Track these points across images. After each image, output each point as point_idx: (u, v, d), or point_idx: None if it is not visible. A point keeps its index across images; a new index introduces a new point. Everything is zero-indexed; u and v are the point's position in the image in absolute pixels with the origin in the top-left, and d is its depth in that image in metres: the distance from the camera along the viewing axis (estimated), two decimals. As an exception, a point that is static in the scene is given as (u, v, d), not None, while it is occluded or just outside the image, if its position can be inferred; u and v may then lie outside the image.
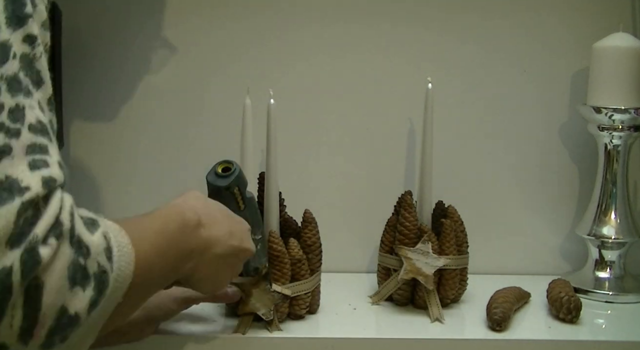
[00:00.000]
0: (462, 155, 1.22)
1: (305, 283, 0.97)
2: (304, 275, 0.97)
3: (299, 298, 0.97)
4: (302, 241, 0.99)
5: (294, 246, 0.97)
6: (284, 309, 0.96)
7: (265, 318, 0.94)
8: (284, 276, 0.95)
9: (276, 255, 0.95)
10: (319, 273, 1.00)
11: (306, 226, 0.99)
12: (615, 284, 1.14)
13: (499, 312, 0.97)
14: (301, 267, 0.97)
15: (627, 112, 1.10)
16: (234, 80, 1.18)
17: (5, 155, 0.53)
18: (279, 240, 0.96)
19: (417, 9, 1.19)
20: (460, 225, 1.06)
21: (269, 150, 0.98)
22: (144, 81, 1.18)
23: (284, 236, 0.99)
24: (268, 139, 0.98)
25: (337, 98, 1.18)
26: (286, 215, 1.01)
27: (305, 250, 0.98)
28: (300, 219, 1.01)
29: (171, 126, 1.19)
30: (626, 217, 1.14)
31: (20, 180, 0.53)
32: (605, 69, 1.12)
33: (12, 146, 0.54)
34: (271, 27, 1.18)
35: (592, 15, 1.19)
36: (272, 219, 0.98)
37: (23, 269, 0.51)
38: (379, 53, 1.19)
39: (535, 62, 1.20)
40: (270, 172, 0.98)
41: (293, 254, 0.96)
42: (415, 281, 1.02)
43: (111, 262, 0.59)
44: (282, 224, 1.00)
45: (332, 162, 1.19)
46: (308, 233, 0.99)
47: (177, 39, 1.17)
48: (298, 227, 1.01)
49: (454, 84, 1.20)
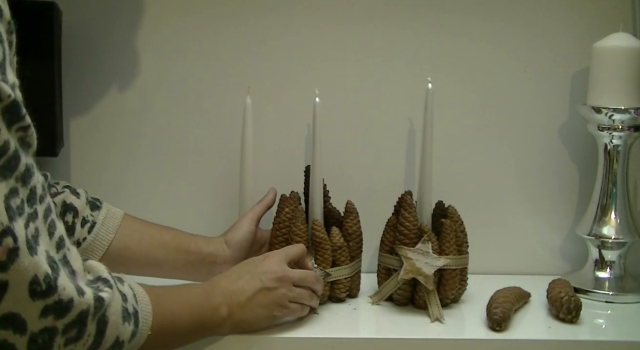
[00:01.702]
0: (462, 155, 1.22)
1: (345, 268, 1.04)
2: (344, 261, 1.04)
3: (339, 282, 1.04)
4: (344, 230, 1.05)
5: (335, 234, 1.04)
6: (325, 291, 1.01)
7: None
8: (325, 261, 1.02)
9: (318, 242, 1.02)
10: (359, 259, 1.07)
11: (348, 216, 1.06)
12: (615, 284, 1.14)
13: (499, 312, 0.97)
14: (342, 254, 1.04)
15: (627, 112, 1.10)
16: (234, 80, 1.18)
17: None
18: (322, 228, 1.03)
19: (417, 9, 1.18)
20: (460, 225, 1.06)
21: (314, 145, 1.05)
22: (145, 81, 1.18)
23: (327, 225, 1.06)
24: (314, 135, 1.05)
25: (337, 98, 1.18)
26: (330, 206, 1.09)
27: (347, 238, 1.05)
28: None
29: (171, 126, 1.19)
30: (626, 217, 1.14)
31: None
32: (605, 69, 1.12)
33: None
34: (271, 28, 1.18)
35: (592, 15, 1.19)
36: (316, 209, 1.05)
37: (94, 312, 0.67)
38: (379, 53, 1.19)
39: (535, 62, 1.20)
40: (315, 165, 1.05)
41: (334, 241, 1.03)
42: (415, 281, 1.02)
43: (137, 304, 0.75)
44: (326, 214, 1.07)
45: (332, 162, 1.19)
46: (349, 222, 1.06)
47: (178, 39, 1.17)
48: (341, 217, 1.07)
49: (454, 84, 1.20)
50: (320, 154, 1.05)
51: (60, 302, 0.63)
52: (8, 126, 0.60)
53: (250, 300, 0.89)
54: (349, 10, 1.18)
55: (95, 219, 0.96)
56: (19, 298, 0.61)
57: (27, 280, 0.61)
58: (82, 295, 0.66)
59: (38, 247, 0.62)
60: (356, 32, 1.19)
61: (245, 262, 0.95)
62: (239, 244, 1.03)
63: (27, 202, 0.62)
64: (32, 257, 0.61)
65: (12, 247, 0.59)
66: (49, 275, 0.62)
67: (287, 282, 0.92)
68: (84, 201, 0.96)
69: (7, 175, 0.60)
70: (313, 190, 1.06)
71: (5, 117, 0.60)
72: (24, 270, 0.60)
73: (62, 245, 0.67)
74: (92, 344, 0.68)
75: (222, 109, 1.19)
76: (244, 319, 0.88)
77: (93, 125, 1.18)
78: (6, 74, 0.60)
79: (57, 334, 0.64)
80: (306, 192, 1.09)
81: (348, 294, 1.07)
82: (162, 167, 1.19)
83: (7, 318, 0.61)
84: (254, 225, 1.05)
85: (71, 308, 0.65)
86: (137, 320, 0.74)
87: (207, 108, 1.19)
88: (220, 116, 1.19)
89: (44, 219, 0.65)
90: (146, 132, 1.19)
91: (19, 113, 0.61)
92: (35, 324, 0.62)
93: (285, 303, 0.92)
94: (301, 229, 1.02)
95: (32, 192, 0.63)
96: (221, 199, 1.19)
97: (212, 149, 1.20)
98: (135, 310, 0.74)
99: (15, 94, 0.61)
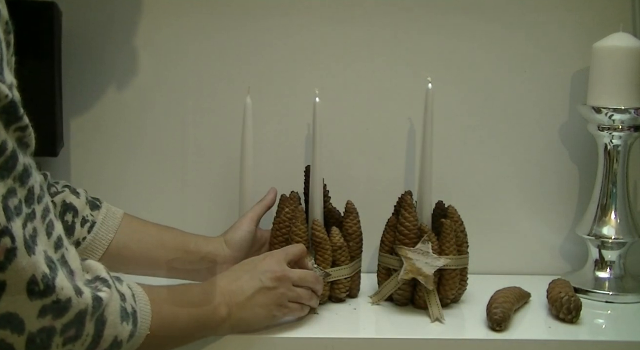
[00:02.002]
0: (462, 155, 1.22)
1: (345, 268, 1.04)
2: (344, 261, 1.04)
3: (339, 282, 1.04)
4: (344, 230, 1.05)
5: (335, 234, 1.04)
6: (324, 291, 1.01)
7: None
8: (325, 261, 1.02)
9: (318, 242, 1.02)
10: (359, 259, 1.07)
11: (348, 216, 1.06)
12: (615, 284, 1.14)
13: (499, 312, 0.97)
14: (342, 254, 1.04)
15: (627, 112, 1.10)
16: (234, 80, 1.18)
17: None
18: (322, 228, 1.03)
19: (417, 10, 1.18)
20: (460, 225, 1.06)
21: (314, 145, 1.05)
22: (145, 81, 1.18)
23: (327, 225, 1.06)
24: (314, 135, 1.05)
25: (337, 98, 1.18)
26: (330, 206, 1.08)
27: (347, 238, 1.05)
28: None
29: (171, 126, 1.19)
30: (626, 217, 1.14)
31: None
32: (605, 69, 1.12)
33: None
34: (271, 28, 1.18)
35: (592, 15, 1.19)
36: (316, 209, 1.05)
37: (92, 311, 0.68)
38: (379, 53, 1.19)
39: (535, 62, 1.20)
40: (315, 165, 1.05)
41: (334, 241, 1.03)
42: (415, 281, 1.02)
43: (136, 304, 0.75)
44: (326, 214, 1.07)
45: (332, 162, 1.18)
46: (349, 222, 1.06)
47: (177, 39, 1.17)
48: (341, 217, 1.07)
49: (454, 84, 1.20)
50: (320, 154, 1.05)
51: (58, 302, 0.63)
52: (5, 126, 0.60)
53: (249, 300, 0.89)
54: (349, 10, 1.18)
55: (95, 219, 0.96)
56: (16, 298, 0.61)
57: (25, 280, 0.61)
58: (80, 295, 0.66)
59: (36, 247, 0.62)
60: (356, 32, 1.19)
61: (244, 262, 0.95)
62: (238, 244, 1.03)
63: (25, 202, 0.62)
64: (30, 257, 0.61)
65: (10, 247, 0.59)
66: (47, 275, 0.62)
67: (286, 282, 0.92)
68: (84, 201, 0.96)
69: (4, 175, 0.60)
70: (313, 190, 1.06)
71: (2, 117, 0.60)
72: (22, 270, 0.60)
73: (60, 245, 0.67)
74: (91, 343, 0.68)
75: (222, 109, 1.19)
76: (243, 318, 0.88)
77: (93, 125, 1.18)
78: (4, 74, 0.60)
79: (55, 334, 0.64)
80: (306, 192, 1.09)
81: (348, 294, 1.07)
82: (162, 167, 1.19)
83: (4, 318, 0.61)
84: (253, 225, 1.05)
85: (69, 308, 0.65)
86: (136, 320, 0.74)
87: (207, 108, 1.19)
88: (221, 116, 1.19)
89: (42, 219, 0.65)
90: (146, 132, 1.19)
91: (17, 113, 0.61)
92: (33, 323, 0.62)
93: (285, 303, 0.92)
94: (301, 229, 1.02)
95: (30, 192, 0.63)
96: (221, 199, 1.19)
97: (212, 149, 1.19)
98: (133, 310, 0.74)
99: (13, 94, 0.61)
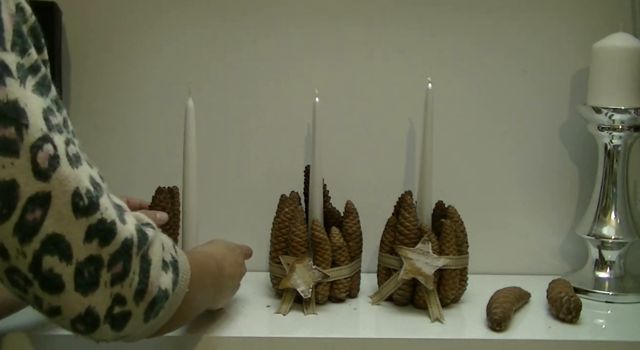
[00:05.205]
0: (462, 155, 1.22)
1: (345, 268, 1.04)
2: (343, 261, 1.04)
3: (338, 282, 1.04)
4: (344, 230, 1.05)
5: (335, 234, 1.04)
6: (324, 291, 1.02)
7: (304, 296, 0.99)
8: (325, 261, 1.02)
9: (318, 242, 1.02)
10: (359, 260, 1.07)
11: (348, 216, 1.06)
12: (615, 284, 1.14)
13: (499, 312, 0.97)
14: (341, 254, 1.04)
15: (627, 112, 1.10)
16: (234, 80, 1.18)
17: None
18: (321, 228, 1.03)
19: (417, 9, 1.19)
20: (460, 225, 1.06)
21: (314, 145, 1.05)
22: (145, 80, 1.18)
23: (327, 225, 1.05)
24: (314, 135, 1.05)
25: (337, 98, 1.18)
26: (330, 206, 1.08)
27: (346, 238, 1.05)
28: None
29: (171, 126, 1.19)
30: (626, 217, 1.14)
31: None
32: (605, 69, 1.12)
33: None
34: (271, 28, 1.18)
35: (592, 15, 1.19)
36: (316, 209, 1.05)
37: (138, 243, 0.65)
38: (379, 53, 1.19)
39: (535, 62, 1.20)
40: (315, 165, 1.05)
41: (334, 241, 1.03)
42: (415, 281, 1.02)
43: (177, 255, 0.73)
44: (325, 214, 1.07)
45: (332, 162, 1.18)
46: (349, 222, 1.06)
47: (177, 39, 1.17)
48: (341, 217, 1.07)
49: (454, 84, 1.20)
50: (320, 154, 1.05)
51: (103, 222, 0.61)
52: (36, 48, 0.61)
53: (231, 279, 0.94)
54: (349, 9, 1.18)
55: None
56: (63, 214, 0.59)
57: (70, 191, 0.59)
58: (124, 223, 0.64)
59: (80, 165, 0.61)
60: (356, 31, 1.19)
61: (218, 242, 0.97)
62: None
63: (64, 126, 0.62)
64: (73, 170, 0.60)
65: (53, 154, 0.58)
66: (91, 192, 0.61)
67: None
68: None
69: (43, 92, 0.60)
70: (313, 190, 1.06)
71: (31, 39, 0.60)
72: (65, 180, 0.59)
73: (102, 179, 0.65)
74: (138, 284, 0.66)
75: (223, 109, 1.19)
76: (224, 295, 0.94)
77: (93, 124, 1.18)
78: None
79: (102, 267, 0.62)
80: (306, 192, 1.09)
81: (348, 294, 1.07)
82: (162, 167, 1.19)
83: (52, 240, 0.59)
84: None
85: (115, 232, 0.63)
86: (177, 269, 0.71)
87: (208, 108, 1.19)
88: (221, 116, 1.19)
89: (81, 150, 0.64)
90: (146, 132, 1.19)
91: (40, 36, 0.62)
92: (81, 250, 0.61)
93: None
94: (301, 229, 1.02)
95: (65, 121, 0.63)
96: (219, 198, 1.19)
97: (214, 148, 1.19)
98: (174, 259, 0.72)
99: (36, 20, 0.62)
